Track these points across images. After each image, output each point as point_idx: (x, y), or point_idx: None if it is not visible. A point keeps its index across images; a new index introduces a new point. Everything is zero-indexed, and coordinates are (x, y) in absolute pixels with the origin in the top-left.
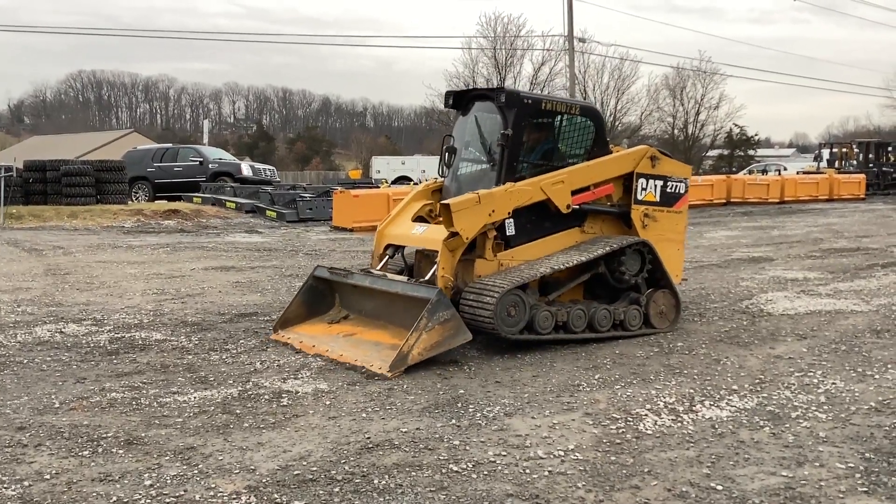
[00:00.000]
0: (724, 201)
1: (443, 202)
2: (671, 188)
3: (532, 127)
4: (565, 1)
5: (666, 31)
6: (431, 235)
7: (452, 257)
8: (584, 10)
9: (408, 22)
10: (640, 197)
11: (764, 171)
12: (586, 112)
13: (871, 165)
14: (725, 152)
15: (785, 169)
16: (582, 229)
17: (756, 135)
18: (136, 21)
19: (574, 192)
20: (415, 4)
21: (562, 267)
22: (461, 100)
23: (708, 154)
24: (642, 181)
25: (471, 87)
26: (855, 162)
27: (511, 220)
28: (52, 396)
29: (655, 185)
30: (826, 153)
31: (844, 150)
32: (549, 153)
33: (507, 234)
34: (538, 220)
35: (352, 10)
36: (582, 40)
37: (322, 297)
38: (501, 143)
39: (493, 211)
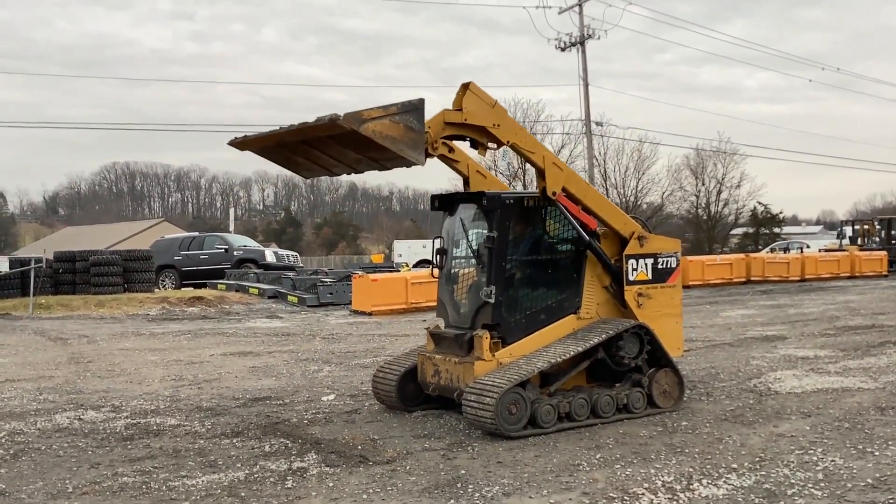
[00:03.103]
0: (744, 280)
1: (465, 83)
2: (662, 264)
3: (516, 224)
4: (582, 87)
5: (682, 112)
6: None
7: (441, 128)
8: (601, 92)
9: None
10: (631, 277)
11: (786, 249)
12: None
13: (893, 242)
14: (751, 230)
15: (808, 246)
16: (578, 315)
17: (781, 212)
18: (160, 113)
19: (566, 195)
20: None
21: (559, 360)
22: (446, 202)
23: (733, 232)
24: (632, 262)
25: (455, 192)
26: (878, 239)
27: (510, 148)
28: (67, 481)
29: (646, 264)
30: (848, 230)
31: (866, 227)
32: (536, 246)
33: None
34: (538, 308)
35: (367, 98)
36: (599, 124)
37: None
38: (488, 245)
39: (498, 125)
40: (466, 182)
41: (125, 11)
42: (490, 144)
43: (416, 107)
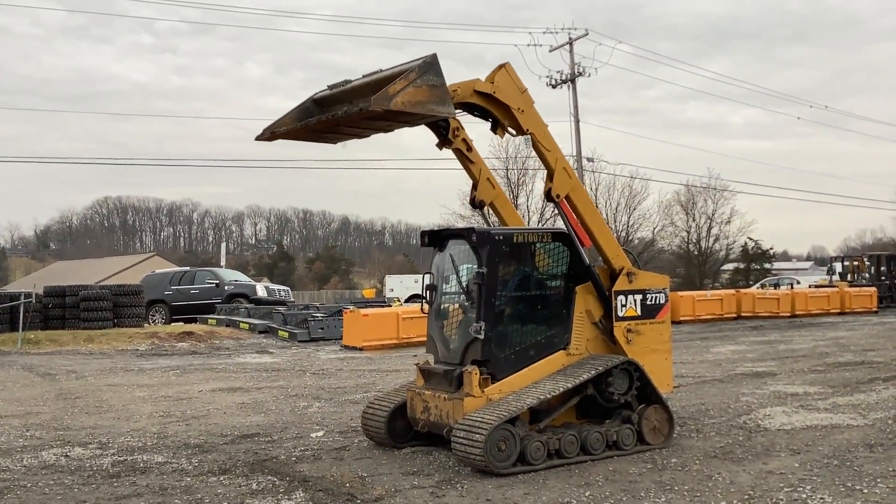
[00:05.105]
0: (734, 315)
1: (502, 63)
2: (651, 300)
3: (506, 261)
4: (573, 124)
5: (670, 147)
6: None
7: (469, 93)
8: (588, 128)
9: (407, 142)
10: (620, 314)
11: (776, 285)
12: (558, 237)
13: (882, 278)
14: (742, 266)
15: (798, 282)
16: (567, 351)
17: (771, 248)
18: (146, 147)
19: (568, 203)
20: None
21: (549, 396)
22: (436, 238)
23: (723, 268)
24: (621, 298)
25: (445, 228)
26: (867, 275)
27: (529, 138)
28: None
29: (635, 300)
30: (838, 266)
31: (856, 263)
32: (525, 282)
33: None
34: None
35: None
36: (590, 160)
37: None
38: (477, 281)
39: (523, 111)
40: (475, 187)
41: (108, 46)
42: (510, 129)
43: (431, 63)
